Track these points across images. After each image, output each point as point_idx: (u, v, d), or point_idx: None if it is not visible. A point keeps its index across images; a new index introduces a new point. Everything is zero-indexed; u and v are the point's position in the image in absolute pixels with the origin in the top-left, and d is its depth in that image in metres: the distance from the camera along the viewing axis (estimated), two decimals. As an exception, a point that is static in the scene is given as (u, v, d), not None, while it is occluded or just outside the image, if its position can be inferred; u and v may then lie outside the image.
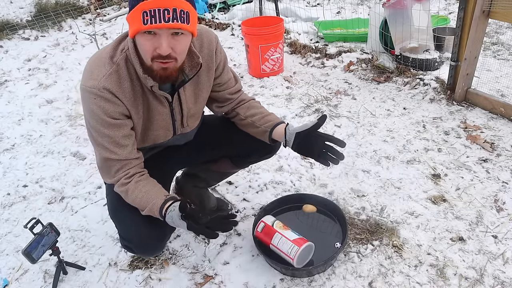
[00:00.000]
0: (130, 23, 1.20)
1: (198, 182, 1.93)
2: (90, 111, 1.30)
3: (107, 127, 1.32)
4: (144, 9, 1.12)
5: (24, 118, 3.10)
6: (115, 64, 1.29)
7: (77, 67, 3.95)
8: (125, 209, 1.43)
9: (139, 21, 1.14)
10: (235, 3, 5.11)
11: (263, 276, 1.66)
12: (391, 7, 3.01)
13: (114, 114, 1.31)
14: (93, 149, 1.65)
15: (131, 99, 1.34)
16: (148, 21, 1.12)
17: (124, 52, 1.30)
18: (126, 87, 1.31)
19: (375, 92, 3.00)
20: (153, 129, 1.47)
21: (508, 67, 3.10)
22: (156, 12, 1.11)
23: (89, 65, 1.32)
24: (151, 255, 1.73)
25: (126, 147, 1.37)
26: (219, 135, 1.70)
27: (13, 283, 1.76)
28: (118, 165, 1.38)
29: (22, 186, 2.36)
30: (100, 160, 1.39)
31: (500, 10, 2.30)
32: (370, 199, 2.01)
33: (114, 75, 1.28)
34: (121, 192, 1.40)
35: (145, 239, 1.45)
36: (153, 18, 1.12)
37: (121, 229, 1.50)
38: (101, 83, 1.27)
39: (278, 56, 3.31)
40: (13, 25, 4.90)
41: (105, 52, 1.31)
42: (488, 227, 1.80)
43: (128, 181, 1.38)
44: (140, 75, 1.29)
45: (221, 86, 1.57)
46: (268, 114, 1.59)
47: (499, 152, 2.24)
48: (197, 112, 1.57)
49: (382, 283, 1.59)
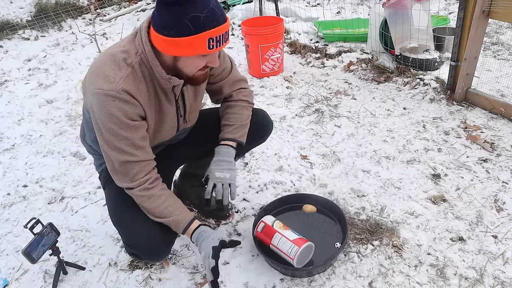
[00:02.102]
0: (182, 47, 1.22)
1: (196, 180, 1.94)
2: (108, 114, 1.29)
3: (126, 129, 1.32)
4: (211, 36, 1.20)
5: (24, 118, 3.10)
6: (130, 66, 1.30)
7: (77, 67, 3.95)
8: (128, 216, 1.44)
9: (203, 46, 1.21)
10: (235, 3, 5.11)
11: (263, 276, 1.66)
12: (391, 7, 3.01)
13: (133, 115, 1.32)
14: (89, 153, 1.67)
15: (147, 100, 1.36)
16: (214, 46, 1.22)
17: (138, 55, 1.31)
18: (142, 88, 1.33)
19: (375, 92, 3.00)
20: (164, 130, 1.49)
21: (508, 67, 3.10)
22: (220, 38, 1.22)
23: (99, 68, 1.31)
24: (158, 260, 1.74)
25: (144, 148, 1.38)
26: (214, 126, 1.72)
27: (13, 283, 1.76)
28: (137, 168, 1.37)
29: (22, 186, 2.36)
30: (116, 164, 1.37)
31: (500, 10, 2.30)
32: (370, 199, 2.01)
33: (130, 77, 1.30)
34: (141, 196, 1.39)
35: (153, 245, 1.46)
36: (218, 43, 1.23)
37: (127, 237, 1.49)
38: (119, 85, 1.27)
39: (278, 56, 3.31)
40: (13, 25, 4.90)
41: (117, 55, 1.31)
42: (488, 227, 1.80)
43: (152, 186, 1.40)
44: (163, 76, 1.32)
45: (215, 77, 1.60)
46: (230, 123, 1.65)
47: (499, 152, 2.24)
48: (197, 107, 1.60)
49: (382, 283, 1.59)
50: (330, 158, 2.33)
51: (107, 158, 1.39)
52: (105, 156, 1.40)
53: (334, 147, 2.42)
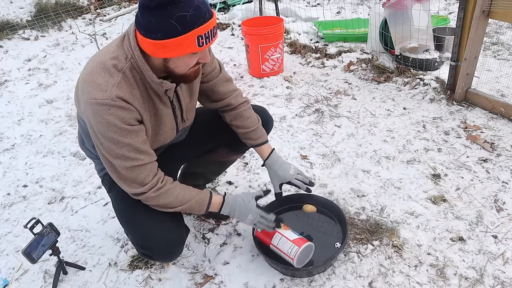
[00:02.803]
0: (171, 48, 1.19)
1: (197, 180, 1.94)
2: (105, 123, 1.26)
3: (125, 135, 1.29)
4: (199, 34, 1.18)
5: (24, 118, 3.10)
6: (121, 72, 1.28)
7: (77, 67, 3.95)
8: (140, 217, 1.44)
9: (193, 44, 1.19)
10: (235, 3, 5.11)
11: (263, 276, 1.66)
12: (391, 7, 3.01)
13: (131, 120, 1.30)
14: (89, 158, 1.66)
15: (142, 104, 1.34)
16: (203, 43, 1.20)
17: (129, 61, 1.28)
18: (136, 93, 1.31)
19: (375, 92, 3.00)
20: (162, 132, 1.48)
21: (508, 67, 3.10)
22: (209, 34, 1.21)
23: (89, 77, 1.28)
24: (171, 260, 1.74)
25: (147, 151, 1.36)
26: (215, 124, 1.72)
27: (13, 283, 1.76)
28: (144, 171, 1.35)
29: (22, 186, 2.36)
30: (122, 172, 1.34)
31: (500, 10, 2.30)
32: (370, 199, 2.01)
33: (123, 83, 1.27)
34: (158, 195, 1.38)
35: (166, 245, 1.46)
36: (207, 39, 1.21)
37: (138, 238, 1.48)
38: (113, 92, 1.24)
39: (278, 56, 3.31)
40: (13, 25, 4.90)
41: (106, 62, 1.28)
42: (488, 227, 1.80)
43: (164, 184, 1.40)
44: (154, 81, 1.30)
45: (205, 76, 1.59)
46: (251, 129, 1.66)
47: (499, 152, 2.24)
48: (193, 106, 1.60)
49: (382, 283, 1.59)
50: (330, 158, 2.33)
51: (111, 168, 1.36)
52: (108, 166, 1.36)
53: (334, 147, 2.42)
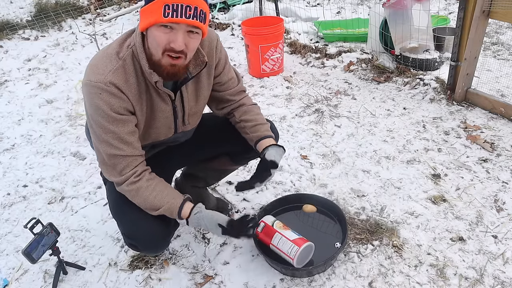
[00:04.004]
0: (145, 16, 1.21)
1: (197, 182, 1.93)
2: (95, 106, 1.29)
3: (112, 123, 1.31)
4: (166, 3, 1.15)
5: (24, 118, 3.10)
6: (121, 59, 1.29)
7: (77, 67, 3.95)
8: (128, 208, 1.43)
9: (159, 13, 1.16)
10: (235, 3, 5.11)
11: (263, 276, 1.66)
12: (391, 7, 3.01)
13: (120, 109, 1.30)
14: (92, 149, 1.65)
15: (136, 95, 1.34)
16: (169, 14, 1.16)
17: (130, 48, 1.30)
18: (132, 82, 1.31)
19: (375, 92, 3.00)
20: (155, 127, 1.47)
21: (508, 67, 3.10)
22: (178, 7, 1.16)
23: (93, 61, 1.31)
24: (156, 252, 1.74)
25: (131, 143, 1.36)
26: (218, 133, 1.71)
27: (13, 283, 1.76)
28: (124, 162, 1.36)
29: (22, 186, 2.36)
30: (105, 157, 1.37)
31: (500, 10, 2.30)
32: (370, 199, 2.01)
33: (120, 70, 1.28)
34: (130, 191, 1.39)
35: (151, 236, 1.45)
36: (175, 12, 1.16)
37: (125, 227, 1.49)
38: (107, 77, 1.26)
39: (278, 56, 3.31)
40: (13, 25, 4.90)
41: (111, 49, 1.31)
42: (488, 227, 1.80)
43: (138, 179, 1.38)
44: (146, 70, 1.29)
45: (221, 85, 1.57)
46: (260, 123, 1.60)
47: (499, 152, 2.24)
48: (198, 111, 1.58)
49: (382, 283, 1.59)
50: (330, 158, 2.33)
51: (97, 151, 1.39)
52: (95, 149, 1.40)
53: (334, 147, 2.42)
